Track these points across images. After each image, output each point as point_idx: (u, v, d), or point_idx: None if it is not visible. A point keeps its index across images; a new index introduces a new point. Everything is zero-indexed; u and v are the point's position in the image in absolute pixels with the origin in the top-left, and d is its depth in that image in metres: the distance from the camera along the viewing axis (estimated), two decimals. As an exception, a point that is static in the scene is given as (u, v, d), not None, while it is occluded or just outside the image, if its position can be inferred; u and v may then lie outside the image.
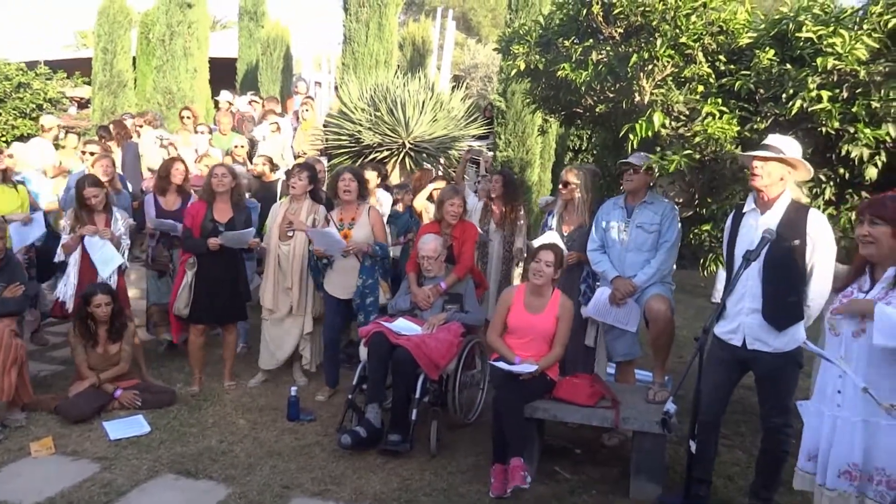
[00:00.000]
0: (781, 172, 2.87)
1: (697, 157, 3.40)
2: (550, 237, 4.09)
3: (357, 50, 9.48)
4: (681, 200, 3.99)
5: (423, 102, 7.70)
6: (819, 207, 3.45)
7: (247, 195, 5.31)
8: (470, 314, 4.16)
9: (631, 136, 3.59)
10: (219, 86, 11.76)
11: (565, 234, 4.17)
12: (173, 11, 10.43)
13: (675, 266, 3.96)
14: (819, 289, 2.86)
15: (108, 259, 4.55)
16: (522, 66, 4.00)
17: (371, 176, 5.62)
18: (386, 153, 7.45)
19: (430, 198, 5.25)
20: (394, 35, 9.97)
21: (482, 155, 5.96)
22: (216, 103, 9.40)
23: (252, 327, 5.40)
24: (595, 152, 7.67)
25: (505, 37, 4.29)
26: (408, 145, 7.44)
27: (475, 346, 4.19)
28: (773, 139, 2.94)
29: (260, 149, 7.53)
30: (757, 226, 2.92)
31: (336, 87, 10.09)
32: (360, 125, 7.48)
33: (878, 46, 3.03)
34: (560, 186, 4.22)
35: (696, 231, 4.16)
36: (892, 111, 2.96)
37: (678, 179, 3.70)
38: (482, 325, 4.40)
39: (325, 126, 8.00)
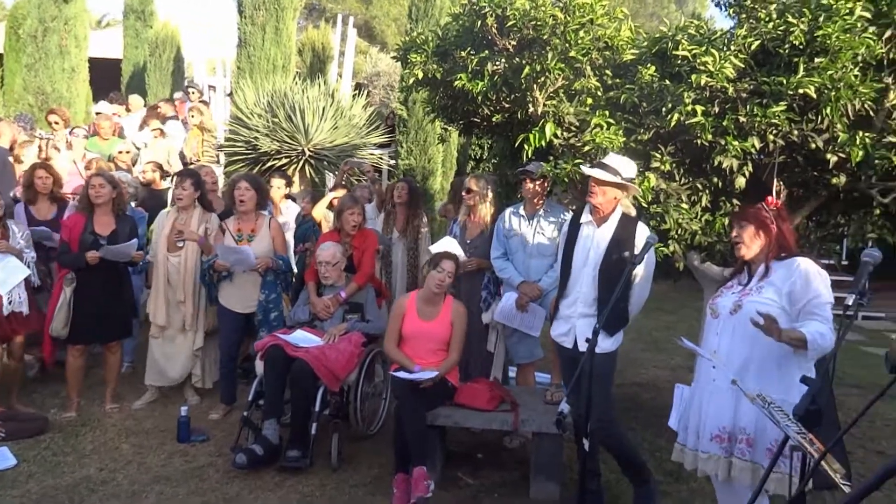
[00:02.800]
0: (616, 193, 3.08)
1: (587, 165, 3.55)
2: (447, 243, 4.14)
3: (253, 54, 9.17)
4: (574, 207, 4.16)
5: (324, 109, 7.57)
6: (697, 214, 3.71)
7: (132, 204, 4.98)
8: (371, 323, 4.11)
9: (526, 146, 3.69)
10: (101, 88, 10.99)
11: (468, 240, 4.23)
12: (47, 5, 9.62)
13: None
14: (640, 293, 3.14)
15: (10, 274, 4.03)
16: (420, 76, 4.01)
17: (279, 183, 5.46)
18: (285, 160, 7.25)
19: (330, 206, 5.15)
20: (292, 40, 9.73)
21: (361, 166, 5.95)
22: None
23: (138, 344, 5.06)
24: (494, 161, 7.85)
25: (403, 45, 4.29)
26: (307, 153, 7.28)
27: (377, 355, 4.15)
28: (611, 159, 3.13)
29: (142, 156, 7.09)
30: (592, 237, 3.13)
31: (231, 92, 9.71)
32: (257, 131, 7.24)
33: (743, 66, 3.29)
34: (463, 193, 4.29)
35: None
36: (757, 125, 3.22)
37: (571, 187, 3.84)
38: (384, 335, 4.35)
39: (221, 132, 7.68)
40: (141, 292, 5.20)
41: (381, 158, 8.81)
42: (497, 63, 3.71)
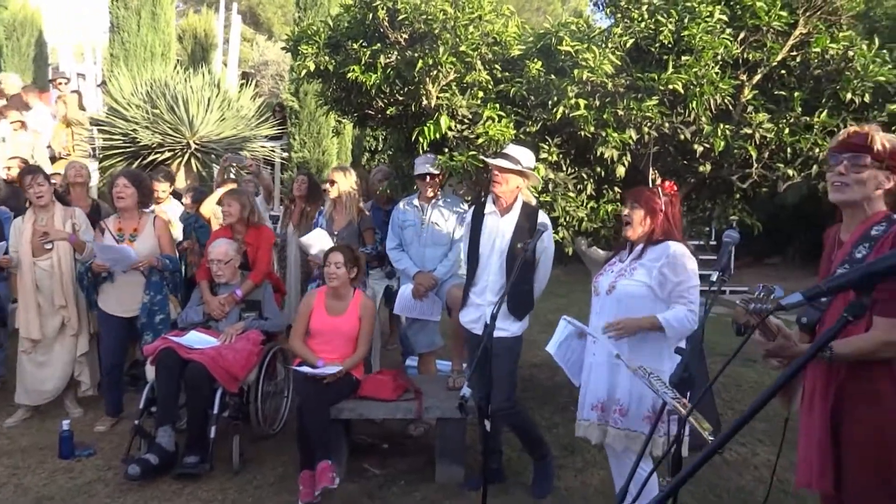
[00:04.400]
0: (518, 182, 3.24)
1: (481, 156, 3.66)
2: (318, 235, 4.18)
3: (128, 40, 8.58)
4: (469, 198, 4.27)
5: (209, 100, 7.25)
6: (583, 202, 3.94)
7: (-8, 203, 4.54)
8: (270, 321, 4.01)
9: (421, 139, 3.75)
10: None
11: (335, 231, 4.28)
12: None
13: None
14: (543, 277, 3.34)
15: None
16: (312, 67, 3.95)
17: (163, 187, 5.18)
18: (168, 154, 6.87)
19: (219, 202, 4.96)
20: (171, 26, 9.21)
21: (240, 161, 5.80)
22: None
23: (6, 356, 4.63)
24: (390, 153, 7.86)
25: (293, 36, 4.20)
26: (193, 145, 6.94)
27: (277, 353, 4.06)
28: (512, 149, 3.28)
29: (1, 150, 6.45)
30: (497, 226, 3.27)
31: (104, 81, 9.02)
32: (136, 123, 6.80)
33: (619, 63, 3.52)
34: (328, 185, 4.33)
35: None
36: (633, 118, 3.47)
37: (466, 178, 3.95)
38: (283, 332, 4.27)
39: (93, 124, 7.13)
40: (8, 302, 4.77)
41: (272, 151, 8.56)
42: (390, 56, 3.73)
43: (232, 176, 5.49)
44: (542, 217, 3.30)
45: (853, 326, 1.62)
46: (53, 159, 7.05)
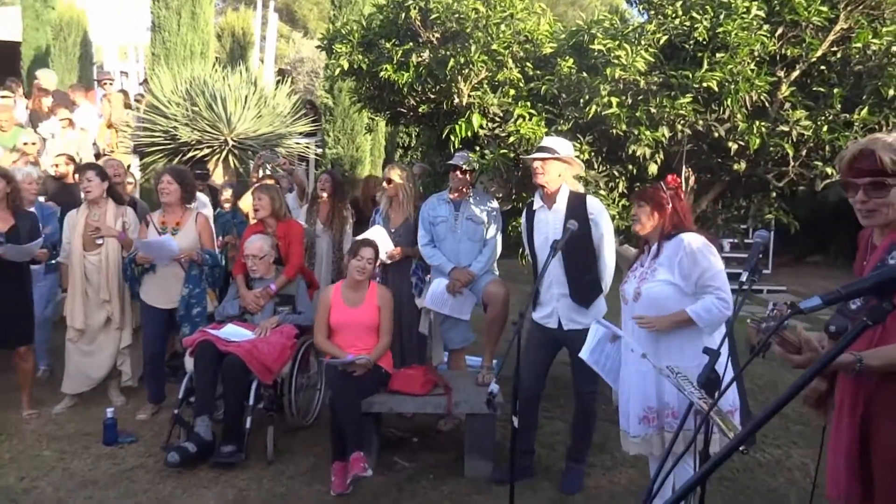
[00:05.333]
0: (559, 170, 3.24)
1: (512, 155, 3.68)
2: (376, 232, 4.19)
3: (168, 39, 8.78)
4: (500, 195, 4.29)
5: (246, 97, 7.38)
6: (615, 200, 3.92)
7: (41, 199, 4.73)
8: (303, 315, 4.10)
9: (452, 136, 3.79)
10: (-2, 73, 10.25)
11: (392, 229, 4.28)
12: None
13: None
14: (608, 262, 3.30)
15: None
16: (346, 66, 4.02)
17: (226, 194, 5.35)
18: (206, 151, 7.03)
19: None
20: (210, 24, 9.39)
21: (273, 159, 5.88)
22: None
23: (54, 347, 4.83)
24: (422, 150, 7.91)
25: (328, 35, 4.27)
26: (230, 142, 7.09)
27: (310, 346, 4.15)
28: (548, 141, 3.30)
29: (49, 147, 6.70)
30: (548, 220, 3.28)
31: (146, 80, 9.28)
32: (176, 121, 6.98)
33: (653, 60, 3.50)
34: (384, 183, 4.33)
35: (514, 223, 4.49)
36: (666, 116, 3.44)
37: (497, 176, 3.97)
38: (317, 325, 4.36)
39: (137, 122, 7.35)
40: (55, 294, 4.97)
41: (307, 147, 8.69)
42: (422, 55, 3.77)
43: (268, 172, 5.61)
44: (593, 202, 3.28)
45: (888, 335, 1.60)
46: (98, 157, 7.29)
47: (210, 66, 8.27)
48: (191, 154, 6.92)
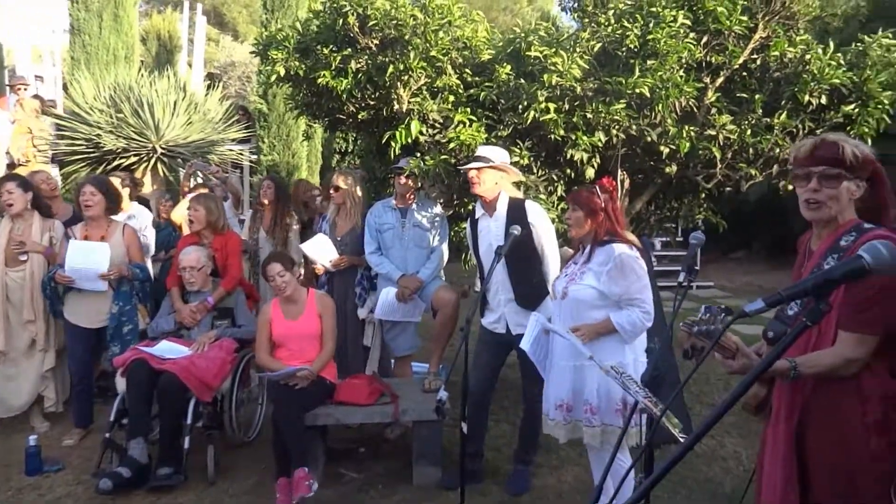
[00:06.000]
0: (495, 178, 3.28)
1: (453, 161, 3.69)
2: (320, 240, 4.12)
3: (89, 43, 8.38)
4: (442, 201, 4.30)
5: (175, 103, 7.13)
6: (554, 203, 4.00)
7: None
8: (243, 328, 3.98)
9: (393, 143, 3.77)
10: None
11: (338, 237, 4.21)
12: None
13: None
14: (553, 264, 3.35)
15: None
16: (282, 72, 3.93)
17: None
18: (133, 159, 6.75)
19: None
20: (134, 27, 9.03)
21: (205, 168, 5.71)
22: None
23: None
24: (361, 156, 7.84)
25: (262, 40, 4.17)
26: (159, 150, 6.82)
27: (251, 360, 4.03)
28: (483, 150, 3.34)
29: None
30: (490, 227, 3.33)
31: (64, 85, 8.81)
32: (100, 128, 6.66)
33: (588, 67, 3.59)
34: (331, 191, 4.25)
35: (456, 228, 4.51)
36: (602, 121, 3.54)
37: (438, 182, 3.97)
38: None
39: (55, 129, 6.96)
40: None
41: (241, 154, 8.47)
42: (360, 61, 3.73)
43: (200, 181, 5.43)
44: (532, 207, 3.31)
45: (823, 340, 1.64)
46: (12, 166, 6.86)
47: (135, 71, 7.96)
48: (117, 163, 6.62)
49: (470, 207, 4.25)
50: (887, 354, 1.63)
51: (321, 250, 4.11)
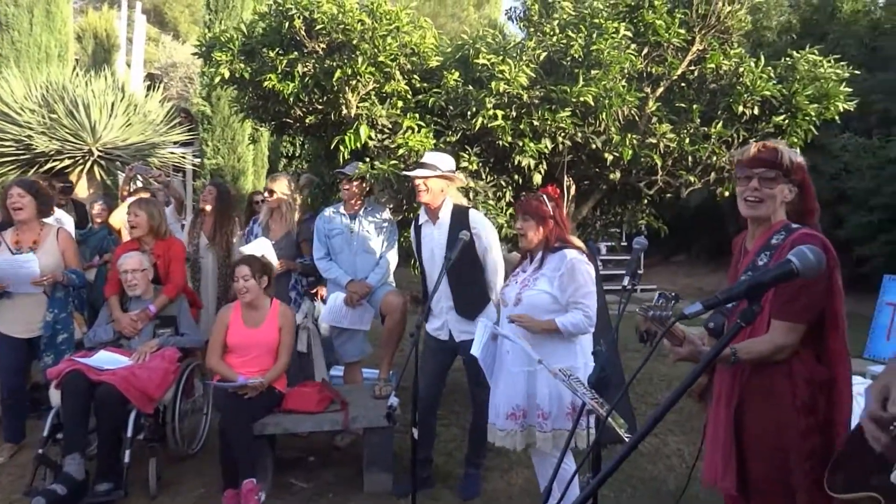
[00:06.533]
0: (441, 185, 3.29)
1: (402, 166, 3.70)
2: (261, 244, 4.05)
3: (19, 40, 8.00)
4: (391, 206, 4.29)
5: (113, 104, 6.87)
6: (502, 209, 4.05)
7: None
8: (186, 336, 3.86)
9: (341, 147, 3.74)
10: None
11: (273, 241, 4.16)
12: None
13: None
14: (497, 273, 3.38)
15: None
16: (227, 75, 3.85)
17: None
18: (68, 162, 6.46)
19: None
20: (68, 25, 8.66)
21: (146, 172, 5.52)
22: None
23: None
24: (309, 160, 7.75)
25: (205, 41, 4.08)
26: (96, 153, 6.56)
27: (195, 369, 3.92)
28: (429, 157, 3.34)
29: None
30: (433, 234, 3.34)
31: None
32: (31, 129, 6.35)
33: (534, 75, 3.66)
34: (266, 195, 4.20)
35: (406, 234, 4.51)
36: (548, 128, 3.62)
37: (387, 187, 3.97)
38: (201, 347, 4.12)
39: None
40: None
41: (183, 157, 8.23)
42: (307, 65, 3.70)
43: (140, 185, 5.25)
44: (475, 215, 3.33)
45: (758, 328, 1.77)
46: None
47: (70, 70, 7.63)
48: (49, 165, 6.33)
49: (418, 213, 4.28)
50: (813, 342, 1.78)
51: (261, 254, 4.05)
